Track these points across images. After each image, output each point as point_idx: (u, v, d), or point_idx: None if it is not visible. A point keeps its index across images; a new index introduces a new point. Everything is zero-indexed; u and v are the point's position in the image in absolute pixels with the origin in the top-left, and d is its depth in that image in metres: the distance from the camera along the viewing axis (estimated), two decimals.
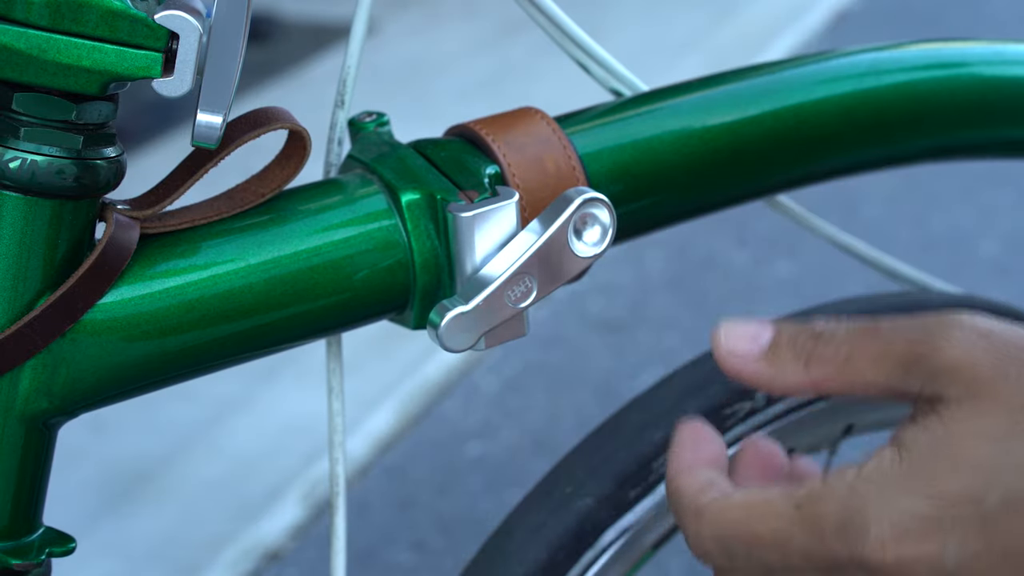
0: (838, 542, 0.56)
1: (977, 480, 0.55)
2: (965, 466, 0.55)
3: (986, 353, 0.56)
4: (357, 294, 0.67)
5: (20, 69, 0.59)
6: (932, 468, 0.55)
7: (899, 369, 0.58)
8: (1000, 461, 0.55)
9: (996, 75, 0.81)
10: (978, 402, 0.56)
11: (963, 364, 0.56)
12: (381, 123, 0.72)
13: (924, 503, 0.55)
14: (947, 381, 0.57)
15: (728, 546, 0.58)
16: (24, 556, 0.64)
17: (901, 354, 0.58)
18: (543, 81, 3.36)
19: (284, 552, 2.10)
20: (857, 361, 0.59)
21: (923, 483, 0.55)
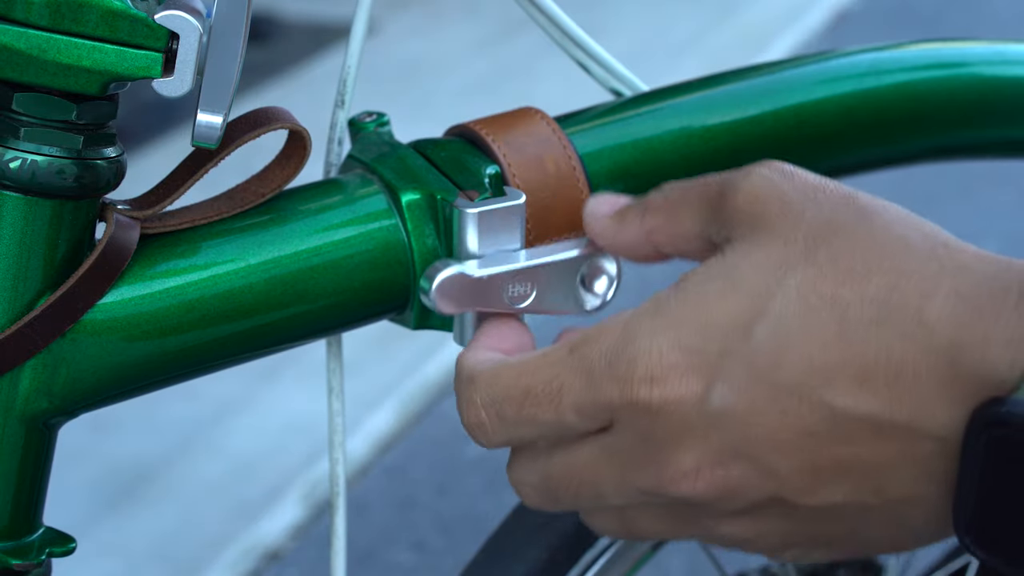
0: (607, 380, 0.55)
1: (745, 308, 0.54)
2: (734, 294, 0.54)
3: (777, 192, 0.56)
4: (357, 294, 0.67)
5: (20, 69, 0.59)
6: (703, 299, 0.54)
7: (709, 215, 0.57)
8: (770, 289, 0.53)
9: (996, 75, 0.81)
10: (758, 235, 0.55)
11: (752, 202, 0.56)
12: (381, 123, 0.72)
13: (692, 335, 0.54)
14: (737, 221, 0.56)
15: (500, 409, 0.57)
16: (24, 556, 0.64)
17: (713, 199, 0.58)
18: (543, 81, 3.36)
19: (284, 552, 2.10)
20: (680, 208, 0.59)
21: (693, 314, 0.54)
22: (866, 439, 0.52)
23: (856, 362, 0.52)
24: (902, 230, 0.54)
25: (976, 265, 0.53)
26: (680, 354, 0.54)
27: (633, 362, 0.54)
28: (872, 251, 0.53)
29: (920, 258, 0.53)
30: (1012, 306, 0.51)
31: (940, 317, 0.52)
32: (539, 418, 0.57)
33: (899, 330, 0.52)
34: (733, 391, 0.53)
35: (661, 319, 0.55)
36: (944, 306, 0.52)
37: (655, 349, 0.54)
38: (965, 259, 0.53)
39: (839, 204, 0.55)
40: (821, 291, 0.53)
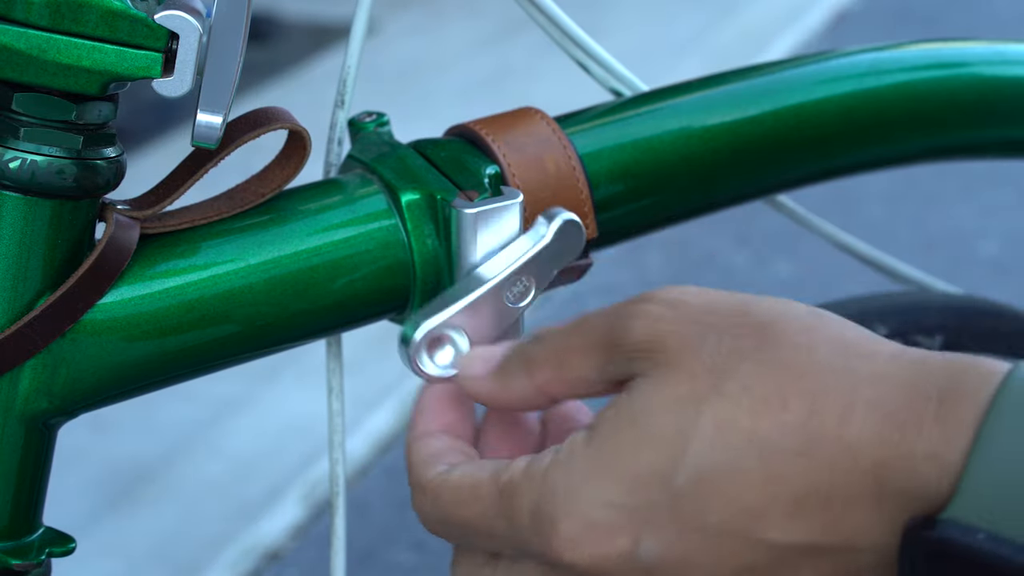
0: (534, 535, 0.54)
1: (664, 455, 0.52)
2: (650, 441, 0.52)
3: (670, 323, 0.54)
4: (357, 294, 0.67)
5: (20, 69, 0.59)
6: (618, 448, 0.53)
7: (603, 357, 0.55)
8: (685, 431, 0.52)
9: (996, 75, 0.81)
10: (663, 372, 0.53)
11: (648, 338, 0.54)
12: (381, 123, 0.72)
13: (612, 489, 0.53)
14: (636, 359, 0.54)
15: (447, 527, 0.57)
16: (24, 556, 0.64)
17: (602, 342, 0.55)
18: (543, 81, 3.36)
19: (284, 552, 2.10)
20: (570, 358, 0.56)
21: (610, 466, 0.53)
22: (806, 563, 0.52)
23: (784, 496, 0.51)
24: (808, 342, 0.53)
25: (892, 371, 0.52)
26: (602, 511, 0.53)
27: (554, 523, 0.53)
28: (782, 374, 0.52)
29: (833, 373, 0.52)
30: (932, 417, 0.51)
31: (861, 437, 0.51)
32: (478, 543, 0.57)
33: (822, 458, 0.51)
34: (662, 543, 0.52)
35: (579, 472, 0.53)
36: (864, 425, 0.51)
37: (575, 509, 0.53)
38: (879, 366, 0.52)
39: (736, 326, 0.54)
40: (738, 426, 0.52)
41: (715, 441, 0.52)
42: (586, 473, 0.53)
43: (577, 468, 0.53)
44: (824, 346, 0.53)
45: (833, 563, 0.52)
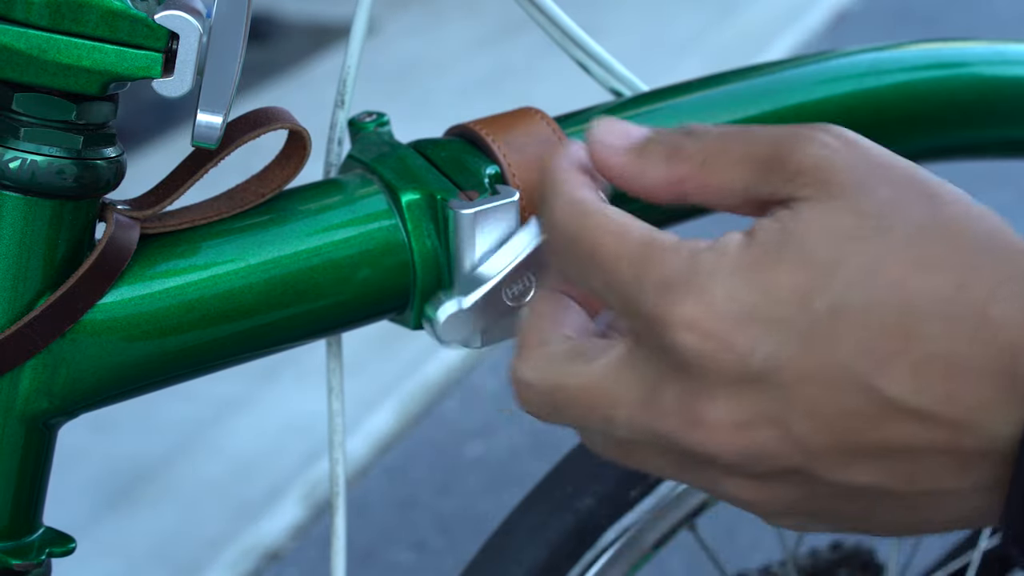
0: (654, 300, 0.53)
1: (810, 278, 0.52)
2: (802, 262, 0.52)
3: (846, 159, 0.54)
4: (357, 294, 0.67)
5: (20, 69, 0.59)
6: (768, 258, 0.52)
7: (758, 172, 0.55)
8: (838, 261, 0.52)
9: (996, 75, 0.81)
10: (830, 202, 0.53)
11: (821, 166, 0.54)
12: (381, 123, 0.72)
13: (750, 291, 0.52)
14: (803, 182, 0.54)
15: (576, 249, 0.55)
16: (24, 556, 0.64)
17: (763, 156, 0.55)
18: (543, 81, 3.36)
19: (284, 552, 2.10)
20: (718, 160, 0.55)
21: (756, 271, 0.52)
22: (911, 430, 0.51)
23: (915, 353, 0.51)
24: (967, 222, 0.53)
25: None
26: (732, 305, 0.52)
27: (680, 297, 0.52)
28: (942, 242, 0.52)
29: (988, 255, 0.52)
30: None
31: (1004, 319, 0.51)
32: (593, 279, 0.55)
33: (963, 327, 0.51)
34: (780, 358, 0.52)
35: (725, 268, 0.53)
36: (1008, 308, 0.51)
37: (707, 296, 0.52)
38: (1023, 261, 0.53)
39: (910, 186, 0.54)
40: (889, 273, 0.52)
41: (864, 280, 0.52)
42: (731, 270, 0.53)
43: (724, 263, 0.53)
44: (980, 227, 0.53)
45: (943, 437, 0.51)
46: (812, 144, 0.54)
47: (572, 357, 0.56)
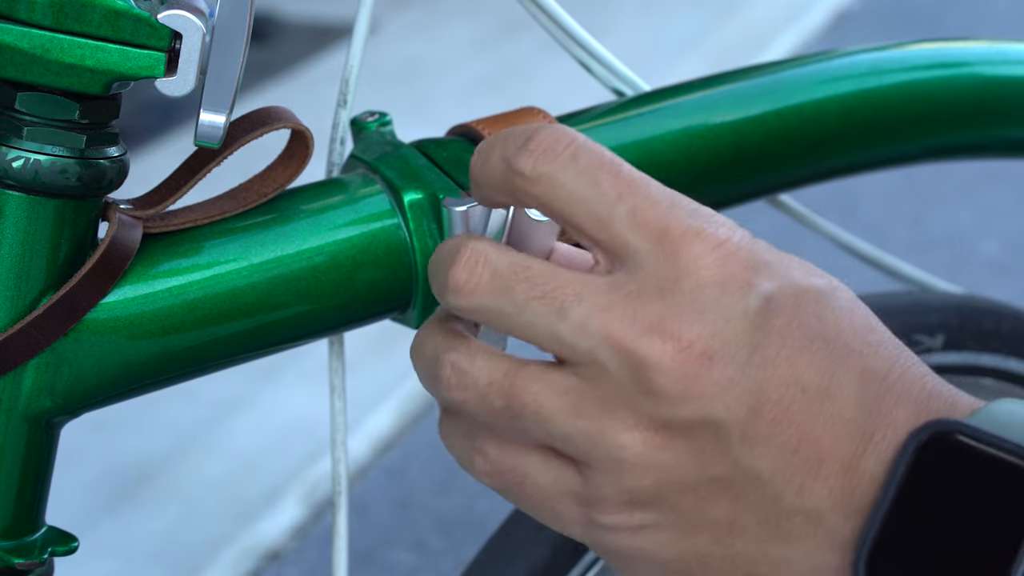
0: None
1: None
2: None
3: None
4: (359, 294, 0.67)
5: (23, 69, 0.59)
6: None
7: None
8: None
9: (997, 75, 0.82)
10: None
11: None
12: (383, 123, 0.72)
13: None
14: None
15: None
16: (27, 555, 0.64)
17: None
18: (544, 81, 3.36)
19: (284, 552, 2.10)
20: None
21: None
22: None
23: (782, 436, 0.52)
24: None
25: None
26: (732, 232, 0.52)
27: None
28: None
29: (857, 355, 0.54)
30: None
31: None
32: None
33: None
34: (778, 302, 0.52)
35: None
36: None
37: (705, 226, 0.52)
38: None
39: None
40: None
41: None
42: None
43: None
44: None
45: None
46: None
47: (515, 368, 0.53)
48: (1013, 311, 0.94)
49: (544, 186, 0.52)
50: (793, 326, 0.51)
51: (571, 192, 0.52)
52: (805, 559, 0.51)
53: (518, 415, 0.52)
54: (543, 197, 0.53)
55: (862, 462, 0.51)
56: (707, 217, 0.52)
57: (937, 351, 0.91)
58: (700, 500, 0.51)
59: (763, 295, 0.51)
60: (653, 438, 0.51)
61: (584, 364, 0.51)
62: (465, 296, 0.53)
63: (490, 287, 0.52)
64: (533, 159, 0.53)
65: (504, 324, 0.52)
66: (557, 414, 0.51)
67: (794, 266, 0.53)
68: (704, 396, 0.50)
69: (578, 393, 0.51)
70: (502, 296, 0.52)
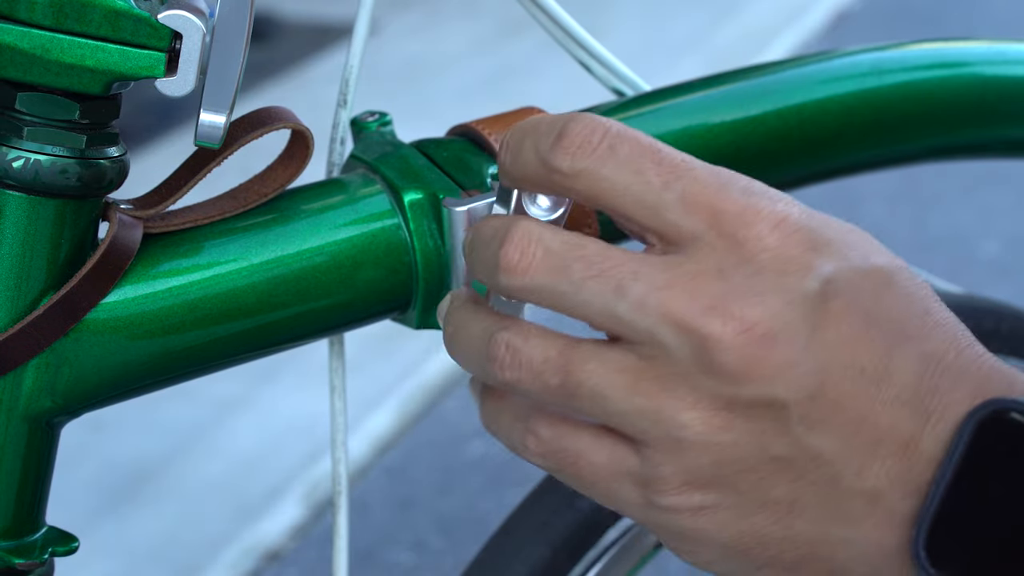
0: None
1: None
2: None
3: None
4: (360, 294, 0.67)
5: (23, 69, 0.59)
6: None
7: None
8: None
9: (997, 75, 0.81)
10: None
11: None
12: (384, 123, 0.72)
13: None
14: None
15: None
16: (27, 555, 0.64)
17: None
18: (544, 81, 3.36)
19: (284, 552, 2.10)
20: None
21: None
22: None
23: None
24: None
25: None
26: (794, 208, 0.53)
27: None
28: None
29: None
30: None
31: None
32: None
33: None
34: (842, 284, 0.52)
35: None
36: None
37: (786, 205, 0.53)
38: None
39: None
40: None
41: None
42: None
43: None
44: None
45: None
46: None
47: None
48: (1013, 311, 0.94)
49: (586, 181, 0.52)
50: (852, 308, 0.51)
51: (615, 184, 0.52)
52: (864, 539, 0.52)
53: (574, 393, 0.52)
54: (587, 192, 0.53)
55: (920, 442, 0.51)
56: (762, 193, 0.52)
57: None
58: (760, 480, 0.51)
59: (823, 277, 0.51)
60: (713, 417, 0.51)
61: (643, 343, 0.51)
62: (519, 275, 0.52)
63: (545, 266, 0.52)
64: (570, 156, 0.52)
65: (560, 304, 0.52)
66: (615, 392, 0.51)
67: (855, 244, 0.53)
68: (765, 376, 0.50)
69: (636, 371, 0.51)
70: (558, 275, 0.52)
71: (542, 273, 0.52)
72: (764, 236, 0.51)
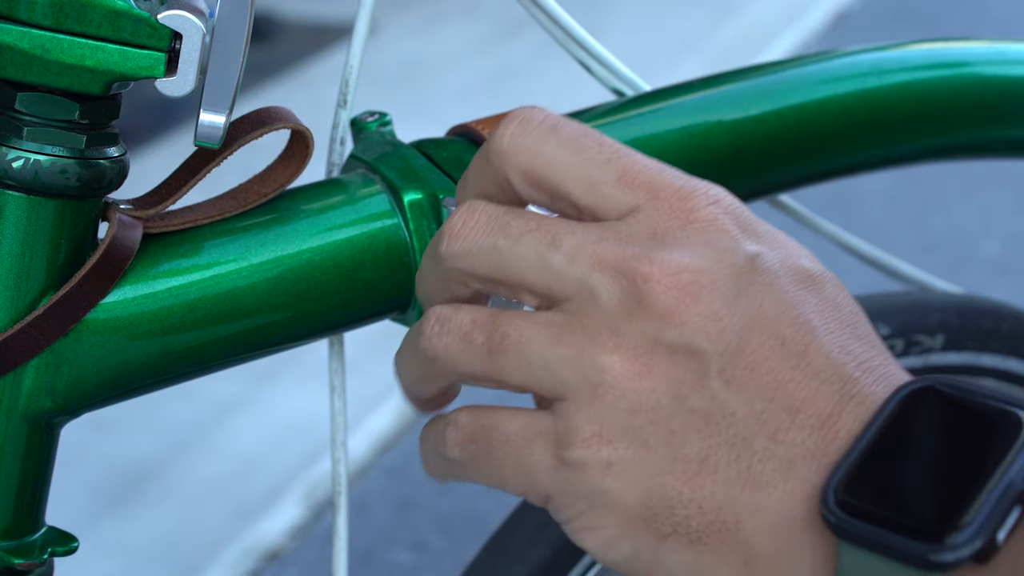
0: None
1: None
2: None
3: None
4: (359, 294, 0.67)
5: (23, 69, 0.59)
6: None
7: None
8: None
9: (997, 75, 0.82)
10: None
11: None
12: (383, 123, 0.72)
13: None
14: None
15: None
16: (27, 555, 0.64)
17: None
18: (544, 81, 3.36)
19: (284, 552, 2.10)
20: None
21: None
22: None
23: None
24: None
25: None
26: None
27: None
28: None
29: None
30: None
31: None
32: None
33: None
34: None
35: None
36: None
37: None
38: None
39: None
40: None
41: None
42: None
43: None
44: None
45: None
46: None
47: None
48: (1013, 311, 0.94)
49: (525, 156, 0.53)
50: (777, 287, 0.52)
51: (555, 158, 0.53)
52: (774, 507, 0.51)
53: (498, 348, 0.53)
54: (526, 167, 0.53)
55: (840, 419, 0.51)
56: (699, 180, 0.54)
57: (937, 351, 0.91)
58: (672, 435, 0.51)
59: (752, 253, 0.52)
60: (633, 363, 0.51)
61: (571, 298, 0.52)
62: (460, 240, 0.54)
63: (485, 227, 0.53)
64: (509, 133, 0.54)
65: (497, 261, 0.53)
66: (538, 342, 0.52)
67: (785, 243, 0.54)
68: (688, 323, 0.51)
69: (561, 324, 0.52)
70: (496, 232, 0.53)
71: (481, 233, 0.53)
72: (699, 208, 0.52)
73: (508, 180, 0.54)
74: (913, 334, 0.90)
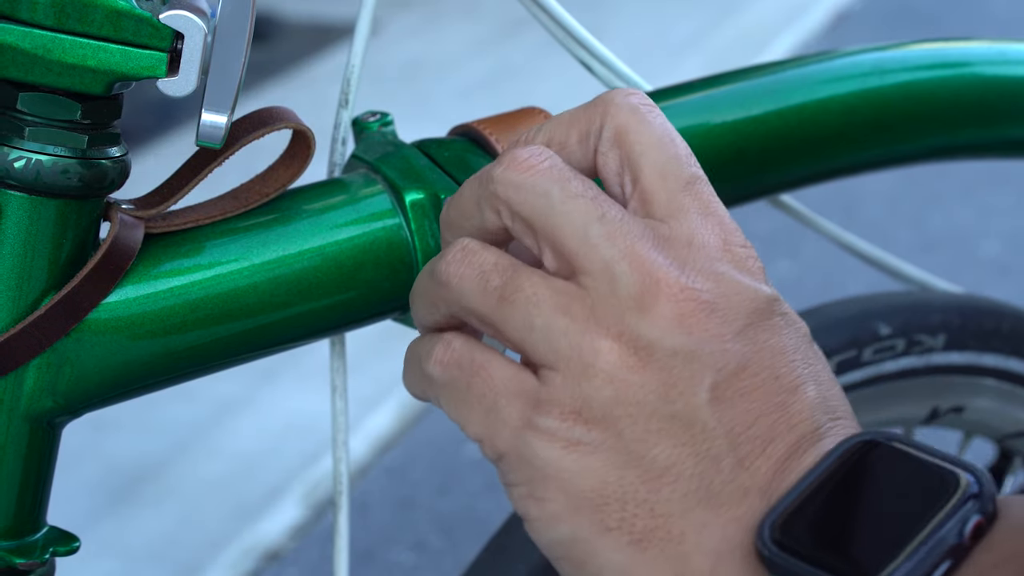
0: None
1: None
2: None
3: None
4: (361, 293, 0.67)
5: (25, 69, 0.59)
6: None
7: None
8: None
9: (998, 75, 0.82)
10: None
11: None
12: (385, 123, 0.72)
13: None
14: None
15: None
16: (28, 555, 0.64)
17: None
18: (545, 80, 3.36)
19: (284, 552, 2.10)
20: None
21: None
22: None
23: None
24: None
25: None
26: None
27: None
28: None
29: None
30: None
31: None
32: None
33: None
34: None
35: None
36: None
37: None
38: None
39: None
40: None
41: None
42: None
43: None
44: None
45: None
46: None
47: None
48: (1014, 311, 0.94)
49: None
50: (785, 331, 0.54)
51: (645, 131, 0.57)
52: (720, 529, 0.52)
53: (509, 297, 0.54)
54: (617, 129, 0.57)
55: (802, 460, 0.53)
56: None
57: (938, 351, 0.92)
58: (647, 433, 0.52)
59: (771, 296, 0.54)
60: (630, 355, 0.52)
61: (591, 274, 0.53)
62: (520, 170, 0.55)
63: (547, 172, 0.55)
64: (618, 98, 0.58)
65: (544, 206, 0.54)
66: (547, 306, 0.53)
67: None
68: (695, 334, 0.52)
69: (574, 297, 0.53)
70: (556, 182, 0.54)
71: (542, 176, 0.55)
72: (738, 244, 0.55)
73: (590, 135, 0.57)
74: (915, 334, 0.91)
